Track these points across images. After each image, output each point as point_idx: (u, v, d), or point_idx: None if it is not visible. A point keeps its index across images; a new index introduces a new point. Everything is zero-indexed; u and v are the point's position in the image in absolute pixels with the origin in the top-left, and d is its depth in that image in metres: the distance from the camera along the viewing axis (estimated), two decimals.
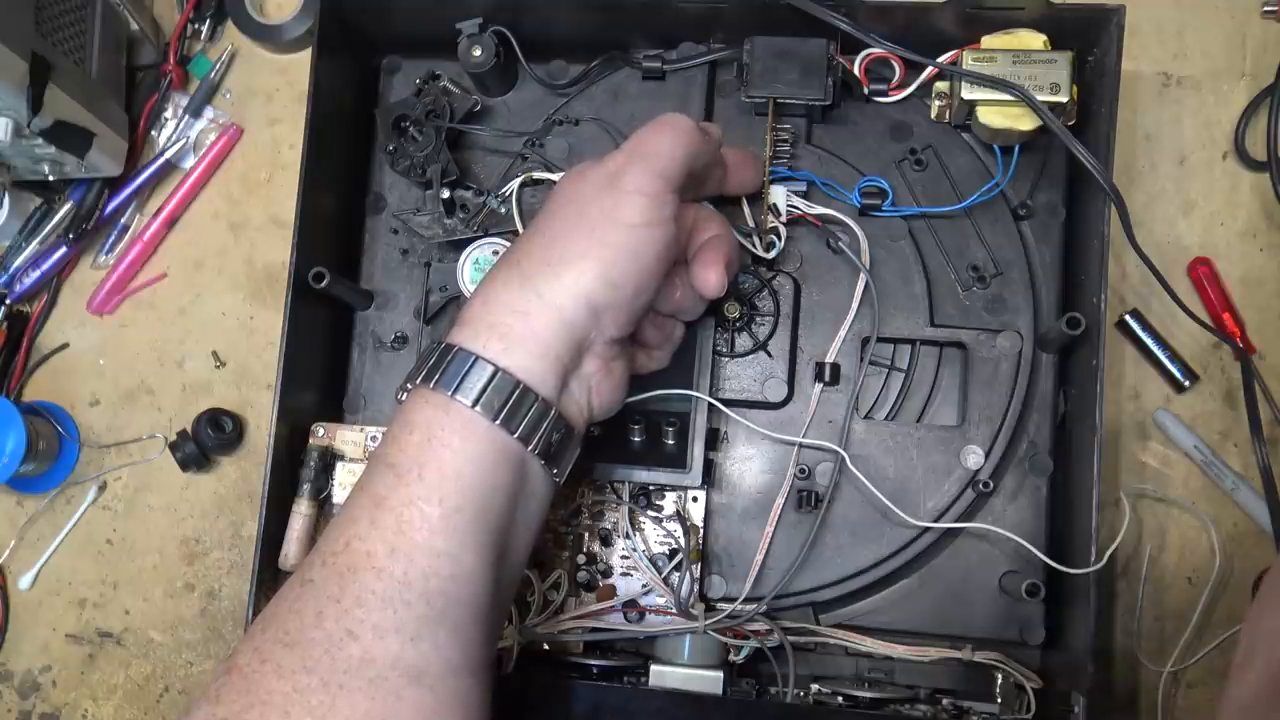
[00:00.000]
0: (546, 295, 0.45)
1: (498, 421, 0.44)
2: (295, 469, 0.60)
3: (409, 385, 0.46)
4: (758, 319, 0.60)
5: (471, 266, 0.60)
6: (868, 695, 0.56)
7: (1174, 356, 0.62)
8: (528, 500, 0.47)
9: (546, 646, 0.58)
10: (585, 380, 0.48)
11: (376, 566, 0.42)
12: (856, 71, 0.59)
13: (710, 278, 0.50)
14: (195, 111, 0.72)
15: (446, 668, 0.42)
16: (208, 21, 0.73)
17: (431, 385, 0.44)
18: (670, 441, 0.57)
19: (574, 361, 0.47)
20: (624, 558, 0.58)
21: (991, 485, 0.57)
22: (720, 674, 0.55)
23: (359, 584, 0.41)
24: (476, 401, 0.44)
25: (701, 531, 0.58)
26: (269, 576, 0.58)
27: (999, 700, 0.56)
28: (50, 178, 0.68)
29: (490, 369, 0.44)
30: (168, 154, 0.72)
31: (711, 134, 0.51)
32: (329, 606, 0.41)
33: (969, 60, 0.56)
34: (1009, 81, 0.54)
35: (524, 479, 0.46)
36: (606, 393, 0.50)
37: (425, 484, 0.43)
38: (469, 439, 0.44)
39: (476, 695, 0.44)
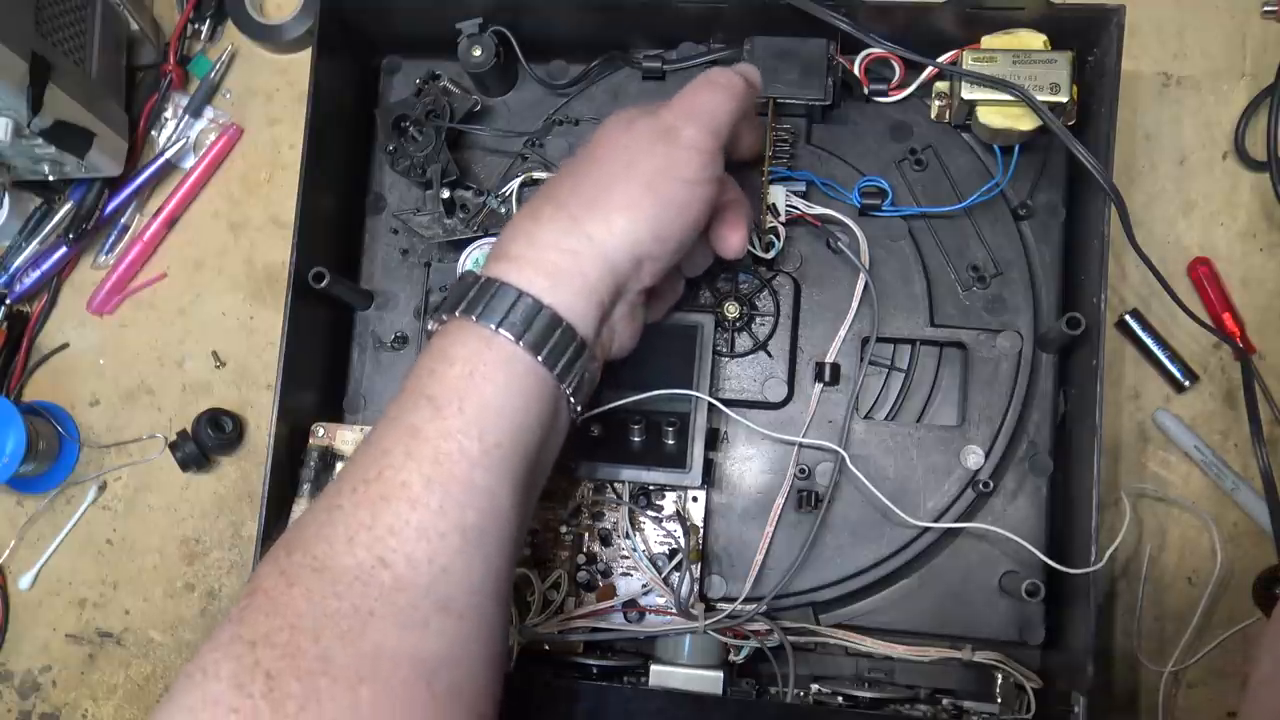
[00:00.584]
0: (596, 239, 0.45)
1: (540, 358, 0.44)
2: (295, 469, 0.60)
3: (444, 316, 0.46)
4: (758, 319, 0.60)
5: (471, 266, 0.60)
6: (868, 695, 0.56)
7: (1174, 356, 0.62)
8: (556, 435, 0.47)
9: (546, 646, 0.58)
10: (613, 324, 0.49)
11: (412, 497, 0.42)
12: (856, 71, 0.59)
13: (734, 240, 0.52)
14: (195, 111, 0.72)
15: (476, 598, 0.43)
16: (208, 21, 0.73)
17: (475, 318, 0.44)
18: (670, 441, 0.57)
19: (611, 306, 0.47)
20: (624, 558, 0.58)
21: (991, 485, 0.57)
22: (720, 674, 0.55)
23: (393, 513, 0.41)
24: (520, 337, 0.44)
25: (701, 531, 0.58)
26: None
27: (999, 700, 0.56)
28: (50, 178, 0.68)
29: (536, 305, 0.44)
30: (168, 154, 0.72)
31: (755, 83, 0.52)
32: (360, 533, 0.41)
33: (969, 60, 0.56)
34: (1009, 81, 0.54)
35: (556, 414, 0.46)
36: (627, 338, 0.51)
37: (465, 417, 0.43)
38: (512, 374, 0.44)
39: (501, 624, 0.45)
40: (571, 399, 0.47)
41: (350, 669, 0.39)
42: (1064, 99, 0.54)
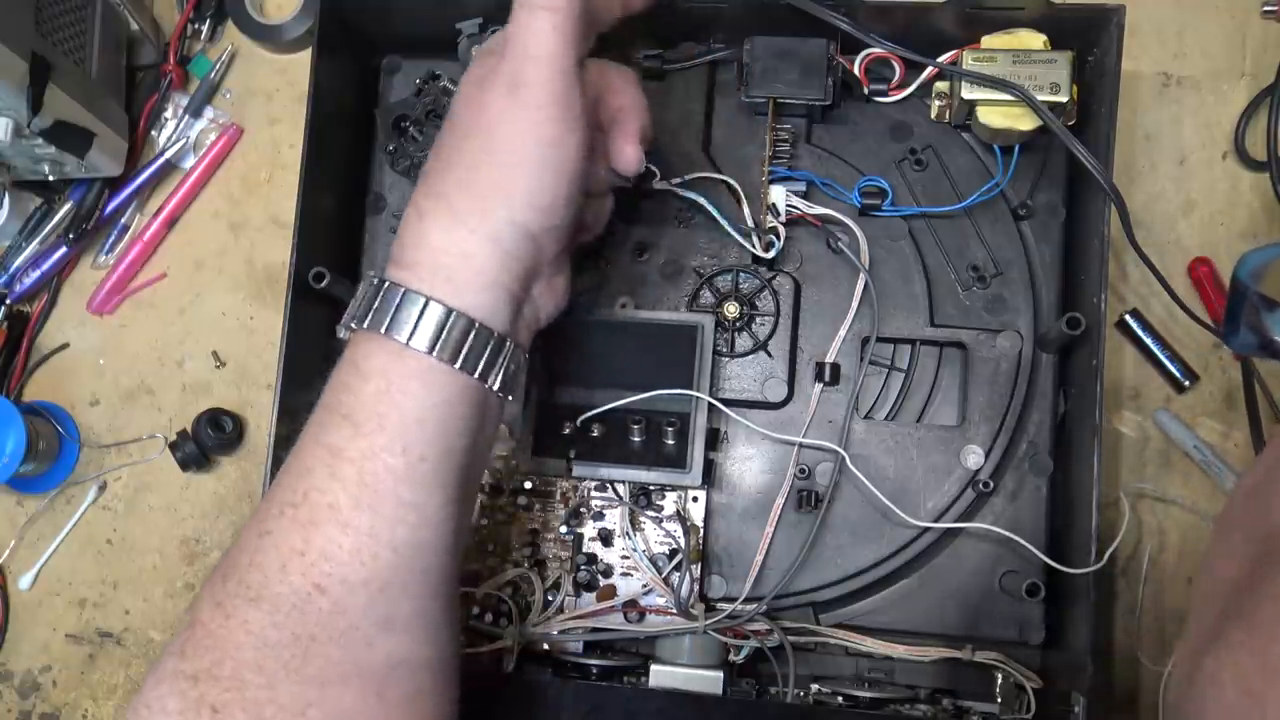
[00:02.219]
0: (481, 231, 0.43)
1: (457, 365, 0.43)
2: None
3: (353, 325, 0.44)
4: (758, 319, 0.60)
5: None
6: (868, 695, 0.56)
7: (1174, 356, 0.62)
8: (486, 430, 0.46)
9: (546, 647, 0.58)
10: (533, 300, 0.48)
11: (341, 520, 0.41)
12: (856, 71, 0.59)
13: (628, 153, 0.49)
14: (195, 111, 0.72)
15: (418, 606, 0.42)
16: (208, 21, 0.73)
17: (383, 330, 0.43)
18: (670, 441, 0.57)
19: (523, 290, 0.46)
20: (624, 558, 0.58)
21: (991, 485, 0.57)
22: (720, 674, 0.55)
23: (324, 537, 0.41)
24: (433, 346, 0.42)
25: (701, 531, 0.58)
26: None
27: (999, 700, 0.56)
28: (50, 178, 0.68)
29: (443, 310, 0.42)
30: (168, 154, 0.72)
31: None
32: (293, 560, 0.41)
33: (969, 60, 0.56)
34: (1009, 81, 0.54)
35: (483, 414, 0.45)
36: (551, 304, 0.49)
37: (387, 434, 0.42)
38: (430, 385, 0.42)
39: (449, 625, 0.44)
40: (500, 394, 0.45)
41: (297, 695, 0.39)
42: (1064, 99, 0.54)
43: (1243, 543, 0.36)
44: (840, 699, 0.56)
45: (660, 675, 0.56)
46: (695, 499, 0.58)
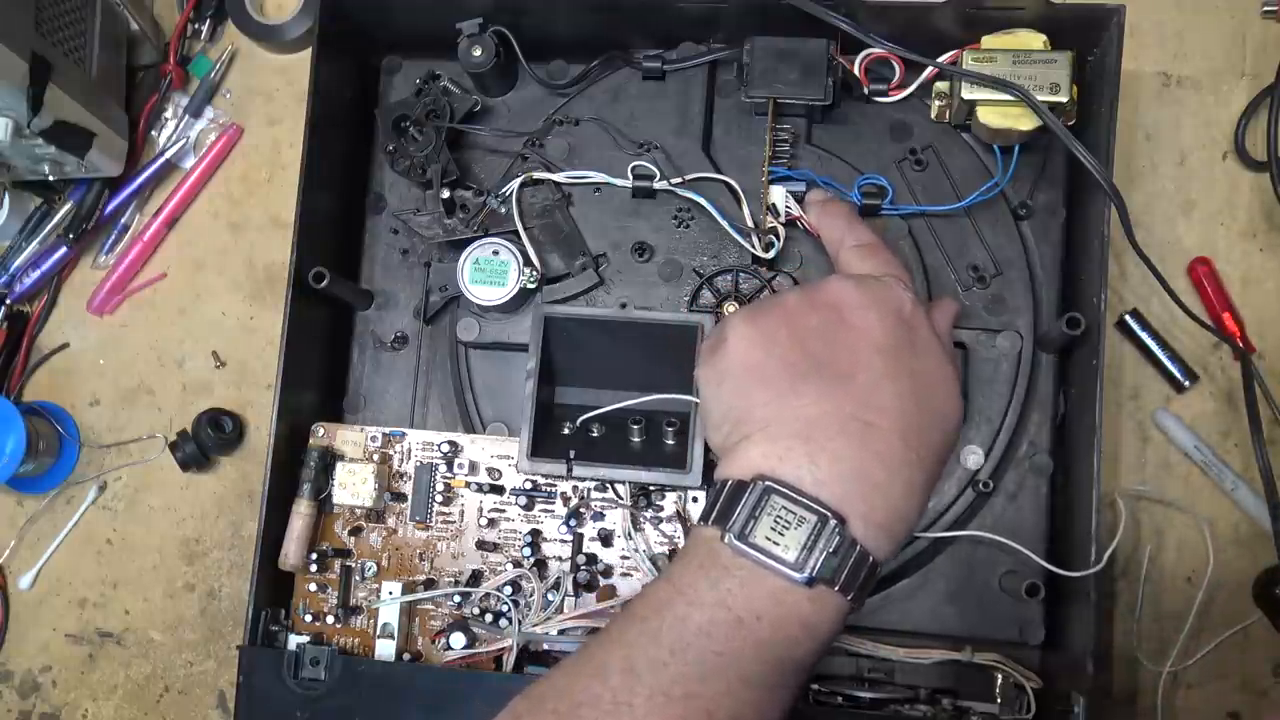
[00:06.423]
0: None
1: (850, 598, 0.42)
2: (295, 469, 0.60)
3: (813, 579, 0.41)
4: None
5: (471, 266, 0.60)
6: (868, 695, 0.56)
7: (1174, 356, 0.62)
8: None
9: (546, 646, 0.58)
10: None
11: None
12: (856, 71, 0.59)
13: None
14: (195, 111, 0.72)
15: None
16: (208, 21, 0.73)
17: (843, 593, 0.41)
18: (670, 442, 0.57)
19: None
20: (624, 558, 0.58)
21: (991, 485, 0.57)
22: None
23: None
24: (858, 599, 0.42)
25: None
26: (269, 576, 0.58)
27: (999, 700, 0.56)
28: (50, 178, 0.68)
29: (874, 566, 0.42)
30: (168, 154, 0.72)
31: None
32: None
33: (969, 60, 0.56)
34: (1009, 81, 0.54)
35: None
36: None
37: (795, 682, 0.42)
38: (840, 623, 0.42)
39: None
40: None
41: None
42: (1064, 99, 0.54)
43: None
44: (840, 699, 0.56)
45: None
46: (695, 499, 0.58)
